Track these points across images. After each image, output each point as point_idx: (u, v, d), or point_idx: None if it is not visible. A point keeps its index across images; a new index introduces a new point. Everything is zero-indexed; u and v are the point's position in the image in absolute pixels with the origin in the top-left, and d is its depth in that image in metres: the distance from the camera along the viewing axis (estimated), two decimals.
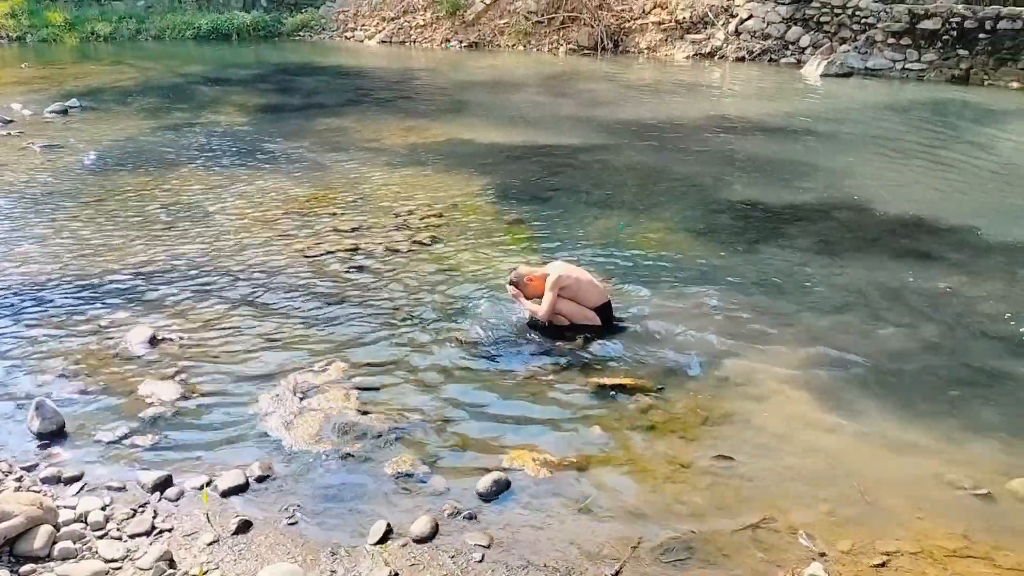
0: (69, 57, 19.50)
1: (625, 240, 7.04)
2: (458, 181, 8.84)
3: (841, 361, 4.99)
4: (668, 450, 4.08)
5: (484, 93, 14.82)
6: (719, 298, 5.85)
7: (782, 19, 18.14)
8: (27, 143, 10.43)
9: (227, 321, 5.49)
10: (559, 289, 5.30)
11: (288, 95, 14.52)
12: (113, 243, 6.91)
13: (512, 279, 5.47)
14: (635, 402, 4.50)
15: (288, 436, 4.15)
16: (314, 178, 8.94)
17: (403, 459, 3.96)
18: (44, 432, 4.10)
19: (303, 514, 3.57)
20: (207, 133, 11.24)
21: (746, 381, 4.75)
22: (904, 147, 10.66)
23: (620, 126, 11.77)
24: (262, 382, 4.69)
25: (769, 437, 4.20)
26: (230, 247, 6.83)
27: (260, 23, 22.82)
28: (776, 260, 6.65)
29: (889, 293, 5.99)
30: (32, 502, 3.35)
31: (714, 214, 7.82)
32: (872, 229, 7.44)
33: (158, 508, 3.59)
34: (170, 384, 4.60)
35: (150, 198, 8.20)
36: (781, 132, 11.48)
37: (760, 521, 3.54)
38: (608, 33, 19.65)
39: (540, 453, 4.02)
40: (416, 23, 21.81)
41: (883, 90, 15.12)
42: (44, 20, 22.14)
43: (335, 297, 5.87)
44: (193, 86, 15.54)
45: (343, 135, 11.16)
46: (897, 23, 16.33)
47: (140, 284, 6.07)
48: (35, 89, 14.67)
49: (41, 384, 4.64)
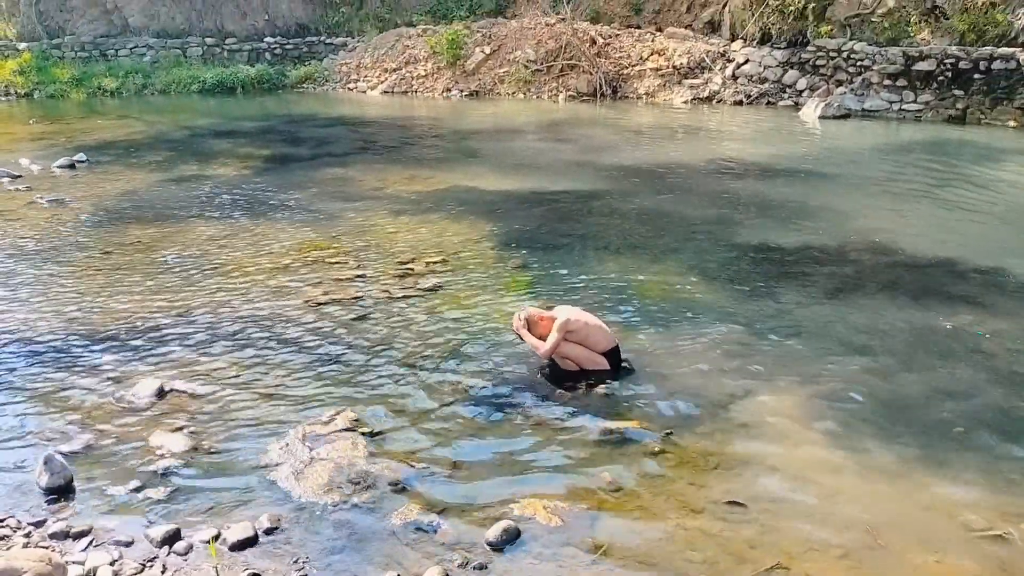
0: (76, 112, 19.81)
1: (630, 283, 7.07)
2: (462, 228, 8.91)
3: (853, 403, 4.98)
4: (679, 496, 4.06)
5: (486, 140, 15.00)
6: (729, 341, 5.86)
7: (778, 63, 18.42)
8: (35, 198, 10.55)
9: (234, 372, 5.50)
10: (566, 332, 5.31)
11: (293, 146, 14.71)
12: (120, 295, 6.95)
13: (522, 316, 5.50)
14: (644, 447, 4.49)
15: (297, 487, 4.14)
16: (319, 227, 9.02)
17: (412, 508, 3.95)
18: (52, 487, 4.09)
19: (313, 567, 3.54)
20: (214, 185, 11.37)
21: (757, 425, 4.74)
22: (907, 188, 10.75)
23: (622, 171, 11.89)
24: (270, 432, 4.69)
25: (781, 481, 4.18)
26: (236, 297, 6.87)
27: (264, 76, 23.21)
28: (787, 302, 6.67)
29: (902, 333, 5.99)
30: (41, 558, 3.33)
31: (722, 257, 7.86)
32: (883, 270, 7.47)
33: (167, 562, 3.57)
34: (179, 436, 4.60)
35: (157, 250, 8.27)
36: (784, 174, 11.59)
37: (773, 567, 3.51)
38: (607, 79, 19.95)
39: (551, 500, 4.00)
40: (417, 73, 22.16)
41: (881, 131, 15.29)
42: (52, 76, 22.55)
43: (341, 346, 5.88)
44: (199, 139, 15.76)
45: (348, 184, 11.28)
46: (892, 65, 16.57)
47: (147, 336, 6.10)
48: (43, 144, 14.88)
49: (49, 438, 4.64)
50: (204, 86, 22.49)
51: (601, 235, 8.68)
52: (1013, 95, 15.27)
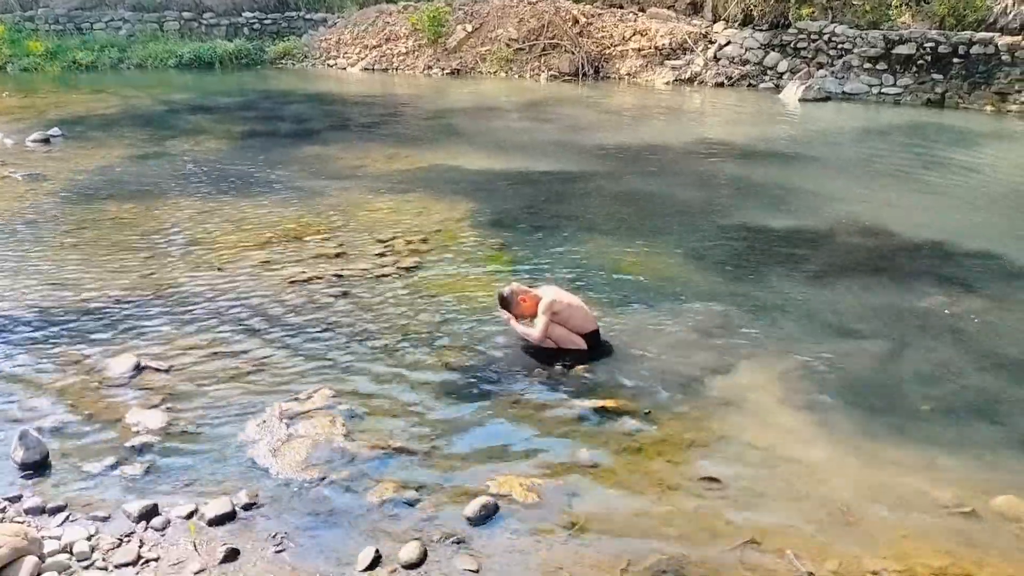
0: (51, 86, 19.47)
1: (610, 264, 7.09)
2: (442, 207, 8.88)
3: (831, 382, 5.05)
4: (655, 473, 4.10)
5: (467, 119, 14.93)
6: (709, 320, 5.91)
7: (760, 45, 18.42)
8: (8, 172, 10.39)
9: (212, 348, 5.47)
10: (551, 314, 5.34)
11: (272, 122, 14.55)
12: (95, 271, 6.88)
13: (504, 293, 5.53)
14: (622, 425, 4.53)
15: (275, 463, 4.14)
16: (298, 205, 8.95)
17: (390, 485, 3.96)
18: (28, 462, 4.06)
19: (291, 542, 3.55)
20: (191, 161, 11.24)
21: (735, 403, 4.79)
22: (887, 170, 10.82)
23: (603, 151, 11.89)
24: (248, 409, 4.68)
25: (755, 458, 4.23)
26: (214, 274, 6.82)
27: (242, 51, 22.89)
28: (768, 283, 6.72)
29: (881, 314, 6.07)
30: (16, 533, 3.31)
31: (703, 237, 7.89)
32: (863, 251, 7.55)
33: (144, 538, 3.56)
34: (155, 413, 4.58)
35: (133, 226, 8.18)
36: (765, 156, 11.63)
37: (747, 541, 3.56)
38: (589, 59, 19.87)
39: (528, 477, 4.03)
40: (398, 51, 21.96)
41: (861, 114, 15.37)
42: (25, 49, 22.10)
43: (320, 323, 5.87)
44: (176, 114, 15.55)
45: (327, 162, 11.19)
46: (873, 48, 16.63)
47: (123, 312, 6.05)
48: (17, 118, 14.63)
49: (24, 414, 4.60)
50: (181, 61, 22.16)
51: (583, 215, 8.69)
52: (991, 80, 15.38)
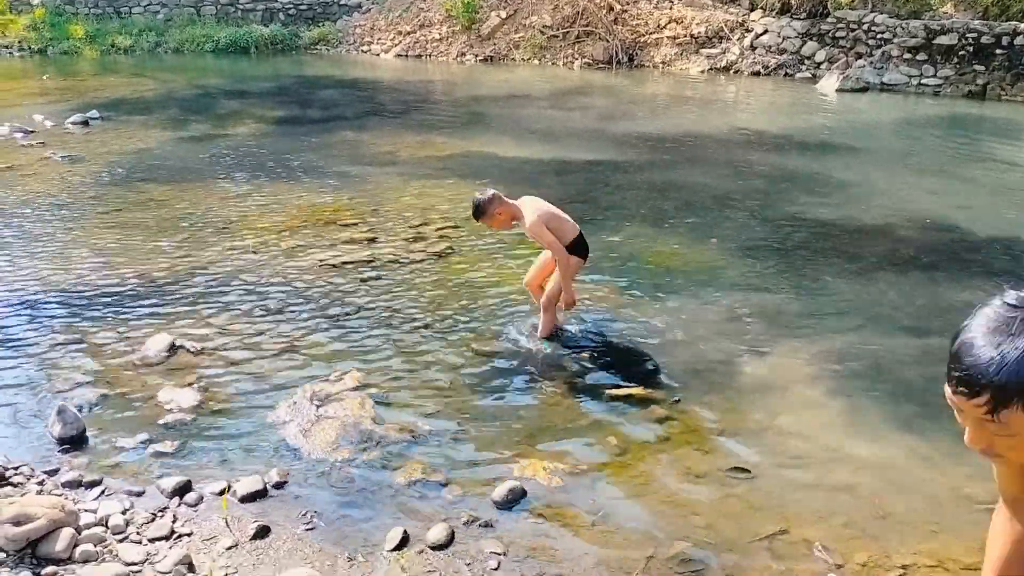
0: (89, 69, 19.74)
1: (645, 253, 7.06)
2: (473, 193, 8.85)
3: (866, 373, 4.99)
4: (683, 461, 4.09)
5: (499, 106, 14.91)
6: (742, 310, 5.86)
7: (797, 34, 18.16)
8: (48, 153, 10.56)
9: (245, 329, 5.54)
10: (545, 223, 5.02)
11: (306, 108, 14.64)
12: (132, 252, 6.99)
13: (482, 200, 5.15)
14: (650, 413, 4.52)
15: (305, 444, 4.19)
16: (331, 189, 9.01)
17: (418, 467, 3.99)
18: (65, 437, 4.15)
19: (320, 520, 3.60)
20: (226, 145, 11.36)
21: (765, 393, 4.76)
22: (928, 162, 10.63)
23: (637, 140, 11.81)
24: (279, 390, 4.74)
25: (786, 449, 4.21)
26: (248, 257, 6.89)
27: (278, 36, 23.02)
28: (803, 273, 6.65)
29: (923, 307, 5.96)
30: (54, 505, 3.39)
31: (737, 227, 7.82)
32: (907, 243, 7.41)
33: (177, 513, 3.63)
34: (189, 391, 4.65)
35: (169, 208, 8.29)
36: (802, 146, 11.48)
37: (775, 533, 3.54)
38: (623, 47, 19.72)
39: (554, 462, 4.03)
40: (432, 37, 21.96)
41: (900, 105, 15.11)
42: (65, 33, 22.41)
43: (351, 307, 5.91)
44: (212, 98, 15.71)
45: (360, 147, 11.24)
46: (913, 38, 16.32)
47: (159, 293, 6.14)
48: (56, 100, 14.86)
49: (62, 390, 4.70)
50: (217, 45, 22.33)
51: (616, 204, 8.65)
52: None
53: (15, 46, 22.11)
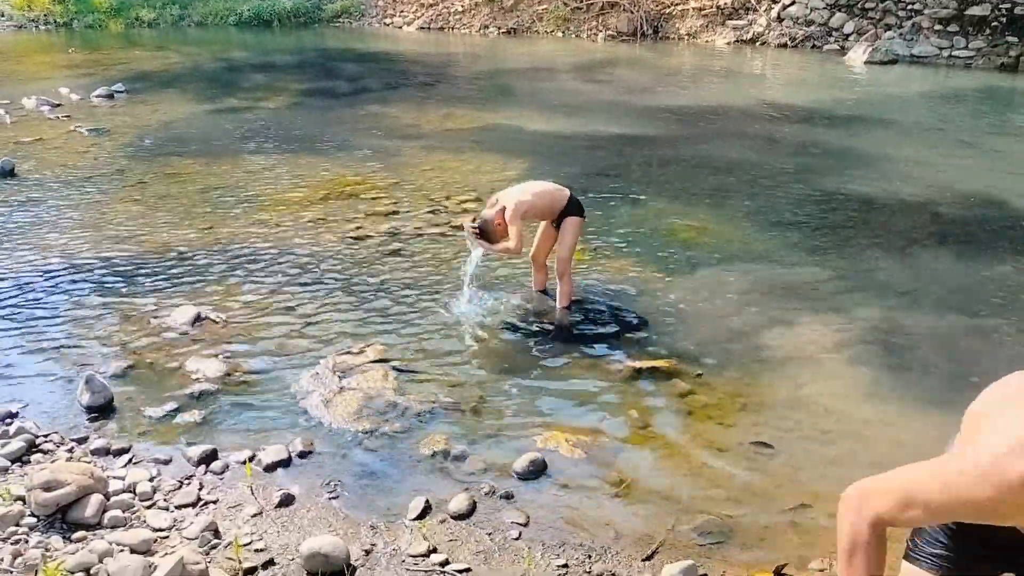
0: (114, 43, 19.83)
1: (669, 227, 7.01)
2: (495, 166, 8.86)
3: (891, 347, 4.94)
4: (705, 435, 4.08)
5: (522, 79, 14.80)
6: (768, 285, 5.81)
7: (826, 5, 17.83)
8: (74, 126, 10.65)
9: (269, 301, 5.58)
10: (520, 218, 5.02)
11: (329, 80, 14.63)
12: (158, 224, 7.05)
13: (478, 225, 5.05)
14: (672, 386, 4.50)
15: (328, 414, 4.22)
16: (354, 162, 9.02)
17: (439, 438, 4.01)
18: (94, 406, 4.21)
19: (344, 489, 3.63)
20: (250, 118, 11.39)
21: (790, 367, 4.73)
22: (961, 136, 10.43)
23: (661, 113, 11.69)
24: (303, 361, 4.77)
25: (810, 424, 4.18)
26: (271, 229, 6.93)
27: (300, 9, 22.98)
28: (833, 248, 6.56)
29: (957, 284, 5.86)
30: (83, 472, 3.45)
31: (766, 202, 7.73)
32: (939, 219, 7.28)
33: (203, 481, 3.68)
34: (214, 362, 4.70)
35: (194, 181, 8.35)
36: (831, 119, 11.31)
37: (798, 507, 3.53)
38: (648, 19, 19.48)
39: (575, 434, 4.04)
40: (455, 9, 21.81)
41: (930, 78, 14.82)
42: (90, 6, 22.51)
43: (373, 280, 5.93)
44: (236, 72, 15.73)
45: (382, 120, 11.23)
46: (944, 9, 15.97)
47: (184, 265, 6.19)
48: (82, 74, 14.95)
49: (91, 360, 4.77)
50: (241, 19, 22.34)
51: (640, 177, 8.59)
52: None
53: (41, 20, 22.24)
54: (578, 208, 5.32)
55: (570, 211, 5.28)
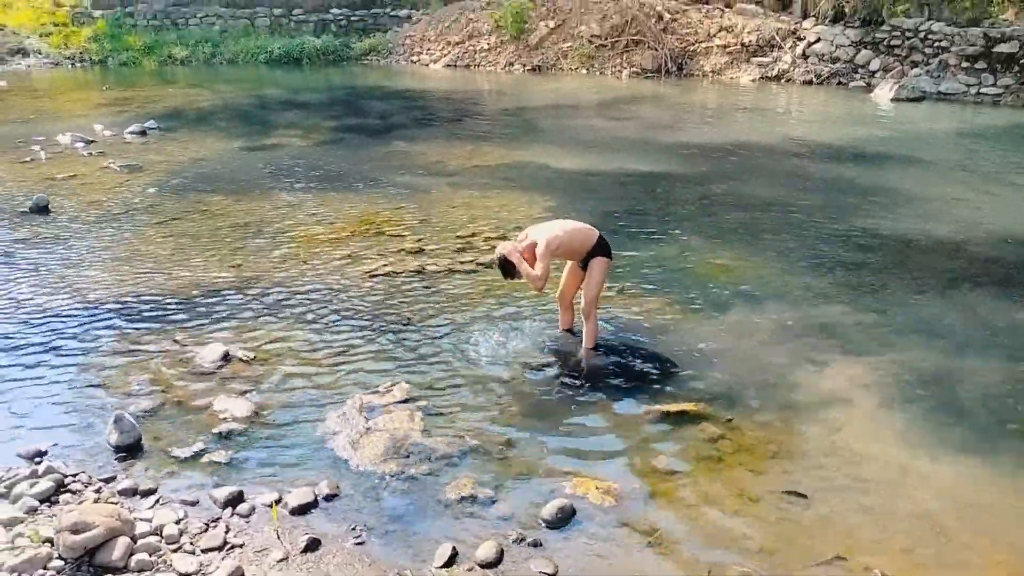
0: (148, 80, 20.22)
1: (697, 266, 6.96)
2: (521, 204, 8.88)
3: (927, 394, 4.86)
4: (736, 483, 4.00)
5: (547, 116, 14.90)
6: (798, 326, 5.76)
7: (851, 42, 17.84)
8: (108, 163, 10.83)
9: (296, 339, 5.59)
10: (550, 254, 5.07)
11: (357, 118, 14.81)
12: (188, 261, 7.11)
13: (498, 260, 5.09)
14: (702, 431, 4.44)
15: (355, 456, 4.20)
16: (381, 199, 9.08)
17: (466, 482, 3.97)
18: (122, 445, 4.23)
19: (370, 534, 3.60)
20: (280, 155, 11.52)
21: (822, 412, 4.65)
22: (991, 174, 10.31)
23: (687, 149, 11.69)
24: (330, 400, 4.77)
25: (843, 471, 4.10)
26: (300, 266, 6.97)
27: (329, 47, 23.34)
28: (863, 288, 6.49)
29: (990, 327, 5.78)
30: (111, 514, 3.44)
31: (794, 240, 7.68)
32: (972, 259, 7.20)
33: (230, 523, 3.66)
34: (242, 401, 4.71)
35: (223, 217, 8.44)
36: (858, 156, 11.24)
37: (833, 558, 3.45)
38: (672, 56, 19.58)
39: (605, 481, 3.98)
40: (481, 47, 22.06)
41: (958, 115, 14.73)
42: (124, 44, 23.02)
43: (400, 318, 5.93)
44: (266, 109, 15.97)
45: (410, 157, 11.32)
46: (972, 47, 15.92)
47: (213, 301, 6.24)
48: (116, 111, 15.25)
49: (120, 397, 4.79)
50: (271, 56, 22.73)
51: (667, 215, 8.57)
52: None
53: (77, 57, 22.78)
54: (606, 249, 5.33)
55: (598, 251, 5.28)
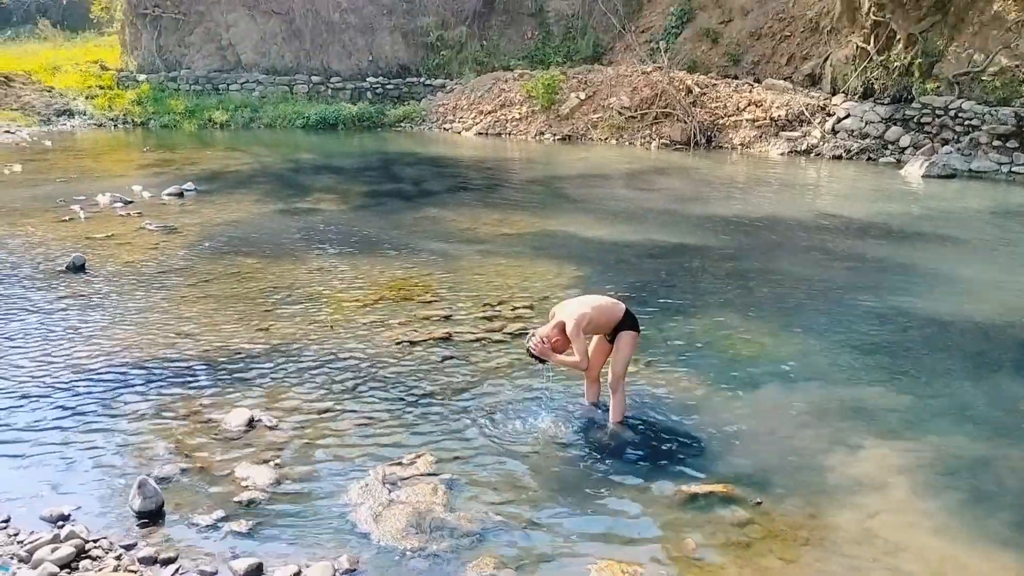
0: (187, 142, 20.78)
1: (724, 342, 6.90)
2: (550, 273, 8.90)
3: (967, 478, 4.73)
4: (766, 571, 3.88)
5: (576, 186, 15.04)
6: (829, 407, 5.64)
7: (881, 119, 17.94)
8: (144, 223, 11.06)
9: (321, 405, 5.59)
10: (582, 332, 5.05)
11: (390, 183, 15.06)
12: (218, 324, 7.18)
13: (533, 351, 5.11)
14: (730, 514, 4.33)
15: (376, 529, 4.14)
16: (410, 265, 9.15)
17: (489, 560, 3.90)
18: (144, 511, 4.21)
19: None
20: (314, 219, 11.71)
21: (853, 497, 4.52)
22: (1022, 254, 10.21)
23: (717, 222, 11.71)
24: (353, 469, 4.74)
25: (878, 563, 3.96)
26: (327, 332, 7.00)
27: (365, 114, 23.91)
28: (897, 369, 6.37)
29: (1021, 412, 5.64)
30: None
31: (822, 317, 7.60)
32: (1008, 342, 7.07)
33: None
34: (264, 469, 4.68)
35: (255, 280, 8.53)
36: (888, 233, 11.19)
37: None
38: (701, 128, 19.80)
39: (631, 565, 3.88)
40: (512, 116, 22.47)
41: (990, 193, 14.66)
42: (166, 107, 23.76)
43: (425, 387, 5.91)
44: (301, 173, 16.30)
45: (440, 223, 11.45)
46: (1003, 125, 15.94)
47: (241, 366, 6.26)
48: (155, 172, 15.64)
49: (144, 460, 4.79)
50: (308, 122, 23.32)
51: (695, 288, 8.54)
52: None
53: (120, 119, 23.52)
54: (633, 322, 5.31)
55: (625, 325, 5.26)
